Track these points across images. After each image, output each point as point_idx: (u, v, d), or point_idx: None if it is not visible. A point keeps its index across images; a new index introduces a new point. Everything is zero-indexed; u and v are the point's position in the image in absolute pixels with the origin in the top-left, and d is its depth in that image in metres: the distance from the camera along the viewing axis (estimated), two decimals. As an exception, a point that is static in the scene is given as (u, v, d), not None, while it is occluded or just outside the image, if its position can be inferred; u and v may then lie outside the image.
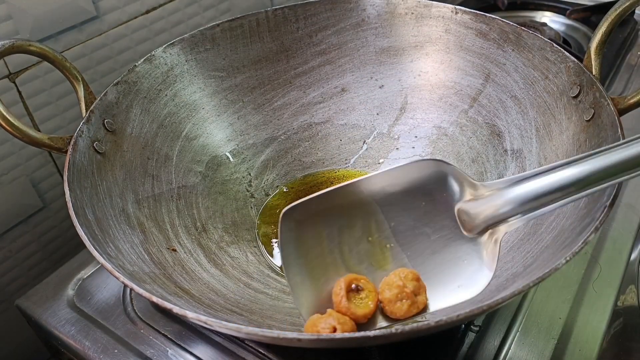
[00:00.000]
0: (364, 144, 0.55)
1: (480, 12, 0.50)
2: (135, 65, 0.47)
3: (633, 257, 0.44)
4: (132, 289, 0.31)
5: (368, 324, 0.33)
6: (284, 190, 0.52)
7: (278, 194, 0.52)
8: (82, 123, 0.40)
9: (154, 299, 0.29)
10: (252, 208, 0.50)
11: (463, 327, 0.39)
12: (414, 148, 0.53)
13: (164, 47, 0.49)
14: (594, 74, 0.40)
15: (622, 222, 0.46)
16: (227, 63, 0.53)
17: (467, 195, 0.34)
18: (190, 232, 0.44)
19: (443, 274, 0.34)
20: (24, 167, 0.50)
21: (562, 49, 0.43)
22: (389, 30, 0.54)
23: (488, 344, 0.38)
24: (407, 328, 0.25)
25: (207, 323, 0.28)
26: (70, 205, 0.34)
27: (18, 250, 0.52)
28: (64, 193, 0.35)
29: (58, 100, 0.51)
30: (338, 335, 0.26)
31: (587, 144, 0.38)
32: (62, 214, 0.55)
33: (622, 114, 0.37)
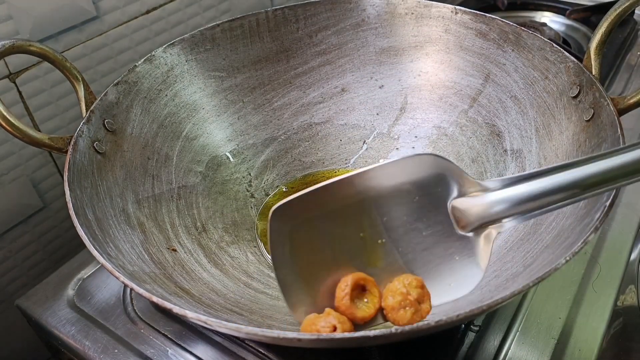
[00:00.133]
0: (364, 144, 0.55)
1: (480, 12, 0.50)
2: (136, 66, 0.47)
3: (633, 257, 0.44)
4: (132, 289, 0.31)
5: (366, 325, 0.33)
6: (284, 190, 0.52)
7: (278, 194, 0.52)
8: (82, 123, 0.40)
9: (154, 299, 0.29)
10: (252, 208, 0.50)
11: (463, 327, 0.39)
12: (414, 148, 0.53)
13: (164, 47, 0.49)
14: (594, 74, 0.40)
15: (622, 222, 0.47)
16: (227, 63, 0.53)
17: (462, 192, 0.33)
18: (191, 232, 0.44)
19: (435, 271, 0.33)
20: (24, 167, 0.50)
21: (561, 49, 0.43)
22: (389, 31, 0.54)
23: (488, 344, 0.38)
24: (407, 328, 0.25)
25: (207, 323, 0.28)
26: (71, 205, 0.34)
27: (18, 250, 0.52)
28: (64, 193, 0.35)
29: (58, 100, 0.51)
30: (338, 335, 0.26)
31: (586, 144, 0.38)
32: (62, 214, 0.55)
33: (621, 114, 0.37)
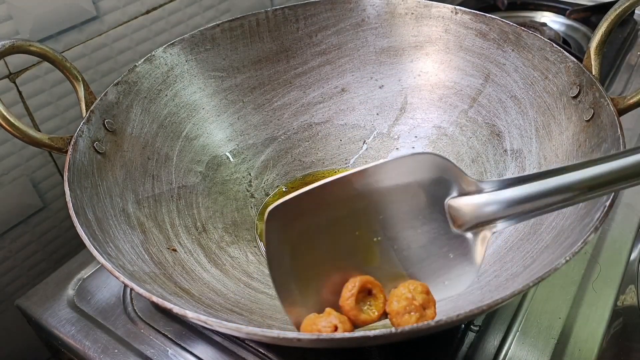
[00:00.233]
0: (364, 144, 0.55)
1: (480, 12, 0.50)
2: (136, 66, 0.47)
3: (633, 257, 0.44)
4: (132, 289, 0.31)
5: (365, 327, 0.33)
6: (284, 190, 0.52)
7: (278, 194, 0.52)
8: (82, 123, 0.40)
9: (154, 299, 0.29)
10: (252, 208, 0.50)
11: (463, 327, 0.39)
12: (414, 148, 0.53)
13: (164, 47, 0.49)
14: (594, 74, 0.40)
15: (622, 222, 0.47)
16: (227, 63, 0.53)
17: (460, 191, 0.33)
18: (191, 232, 0.44)
19: (429, 269, 0.33)
20: (24, 167, 0.50)
21: (561, 49, 0.43)
22: (389, 31, 0.54)
23: (488, 344, 0.38)
24: (406, 328, 0.25)
25: (207, 323, 0.28)
26: (71, 205, 0.34)
27: (18, 250, 0.52)
28: (64, 193, 0.35)
29: (58, 100, 0.51)
30: (338, 335, 0.26)
31: (586, 144, 0.38)
32: (62, 214, 0.55)
33: (621, 114, 0.37)
